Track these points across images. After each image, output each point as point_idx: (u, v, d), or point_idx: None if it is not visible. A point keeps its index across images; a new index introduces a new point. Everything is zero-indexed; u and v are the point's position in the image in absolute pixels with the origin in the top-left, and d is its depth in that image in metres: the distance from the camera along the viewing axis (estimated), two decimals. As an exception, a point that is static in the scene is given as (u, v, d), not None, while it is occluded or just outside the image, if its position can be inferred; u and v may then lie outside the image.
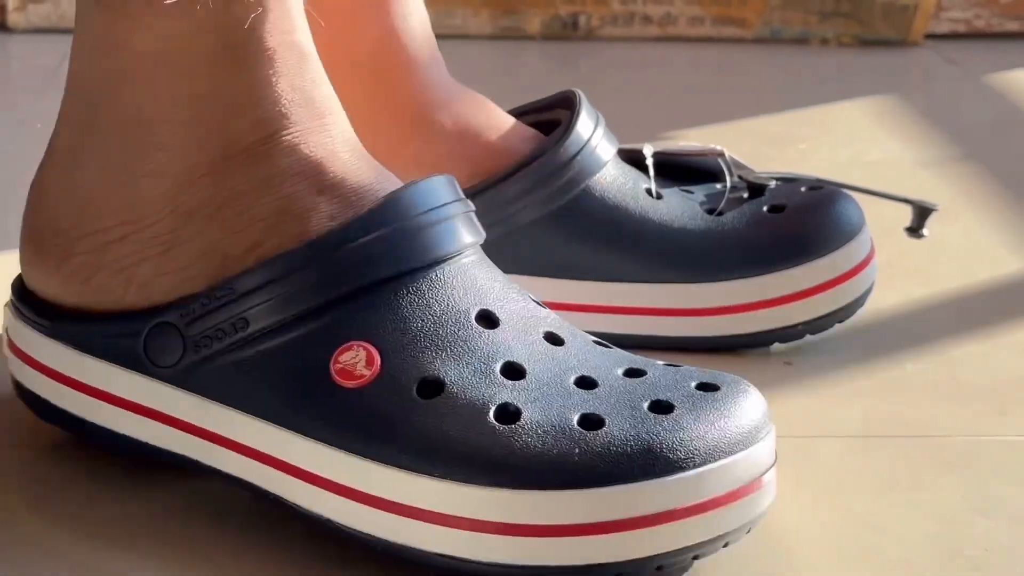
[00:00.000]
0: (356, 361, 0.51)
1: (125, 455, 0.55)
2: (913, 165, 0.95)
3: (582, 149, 0.68)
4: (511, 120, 0.70)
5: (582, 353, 0.53)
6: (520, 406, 0.50)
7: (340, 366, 0.51)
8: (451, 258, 0.53)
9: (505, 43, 1.19)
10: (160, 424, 0.54)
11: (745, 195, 0.70)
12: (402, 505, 0.49)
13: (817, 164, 0.95)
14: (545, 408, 0.50)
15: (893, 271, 0.77)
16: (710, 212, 0.69)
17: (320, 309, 0.51)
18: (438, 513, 0.49)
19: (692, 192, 0.70)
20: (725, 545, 0.50)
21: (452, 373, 0.50)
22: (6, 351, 0.58)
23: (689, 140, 0.98)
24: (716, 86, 1.13)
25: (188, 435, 0.53)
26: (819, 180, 0.71)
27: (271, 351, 0.51)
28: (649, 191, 0.69)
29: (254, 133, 0.53)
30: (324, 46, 0.66)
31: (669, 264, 0.68)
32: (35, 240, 0.57)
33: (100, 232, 0.54)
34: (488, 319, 0.52)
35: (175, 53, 0.53)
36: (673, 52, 1.19)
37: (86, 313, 0.55)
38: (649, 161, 0.70)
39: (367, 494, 0.50)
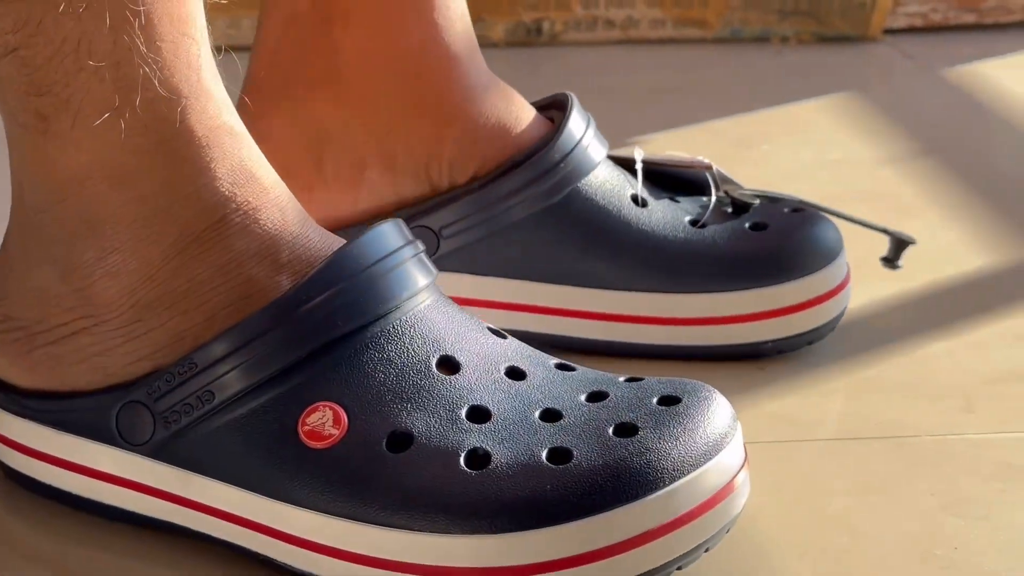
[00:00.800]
0: (323, 421, 0.51)
1: (113, 520, 0.56)
2: (874, 163, 0.97)
3: (574, 149, 0.69)
4: (531, 114, 0.71)
5: (544, 384, 0.53)
6: (489, 449, 0.51)
7: (308, 428, 0.51)
8: (407, 303, 0.54)
9: (471, 51, 1.20)
10: (143, 495, 0.55)
11: (729, 210, 0.71)
12: (387, 560, 0.50)
13: (781, 165, 0.97)
14: (513, 447, 0.51)
15: (859, 271, 0.79)
16: (693, 224, 0.70)
17: (282, 374, 0.52)
18: (421, 565, 0.49)
19: (679, 202, 0.71)
20: (706, 551, 0.52)
21: (419, 424, 0.51)
22: None
23: (658, 144, 1.00)
24: (680, 87, 1.14)
25: (172, 504, 0.54)
26: (802, 202, 0.73)
27: (239, 420, 0.52)
28: (635, 198, 0.70)
29: (203, 221, 0.53)
30: (366, 45, 0.67)
31: (648, 272, 0.69)
32: None
33: (60, 326, 0.55)
34: (449, 365, 0.53)
35: (109, 161, 0.53)
36: (636, 55, 1.21)
37: (56, 393, 0.56)
38: (638, 167, 0.71)
39: (354, 553, 0.50)
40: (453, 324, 0.54)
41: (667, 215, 0.70)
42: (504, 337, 0.56)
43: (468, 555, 0.49)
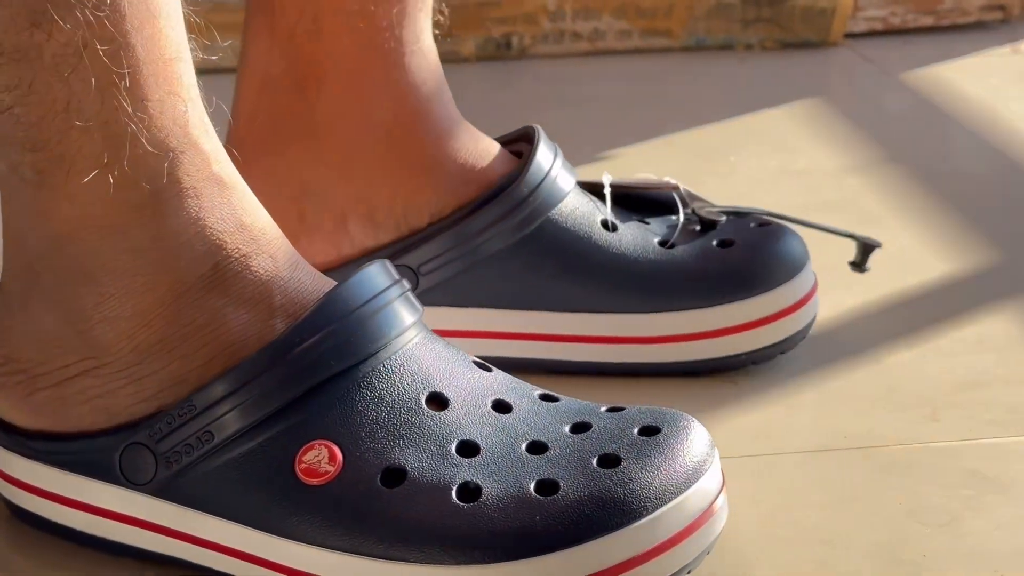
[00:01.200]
0: (319, 459, 0.54)
1: (117, 555, 0.58)
2: (839, 171, 1.00)
3: (542, 181, 0.72)
4: (498, 150, 0.74)
5: (529, 416, 0.56)
6: (479, 482, 0.53)
7: (305, 465, 0.54)
8: (396, 342, 0.56)
9: (442, 67, 1.23)
10: (146, 531, 0.57)
11: (698, 228, 0.74)
12: None
13: (748, 175, 1.00)
14: (503, 480, 0.53)
15: (824, 282, 0.81)
16: (662, 244, 0.73)
17: (278, 413, 0.54)
18: None
19: (648, 224, 0.74)
20: (688, 573, 0.54)
21: (412, 460, 0.53)
22: None
23: (627, 157, 1.02)
24: (647, 97, 1.17)
25: (174, 539, 0.56)
26: (768, 214, 0.75)
27: (238, 459, 0.54)
28: (605, 223, 0.73)
29: (195, 270, 0.55)
30: (339, 106, 0.70)
31: (620, 294, 0.72)
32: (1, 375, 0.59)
33: (62, 368, 0.57)
34: (438, 401, 0.56)
35: (101, 214, 0.55)
36: (604, 66, 1.23)
37: (59, 434, 0.58)
38: (607, 191, 0.74)
39: None
40: (440, 360, 0.57)
41: (636, 238, 0.73)
42: (490, 370, 0.58)
43: None
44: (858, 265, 0.76)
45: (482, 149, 0.73)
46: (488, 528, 0.52)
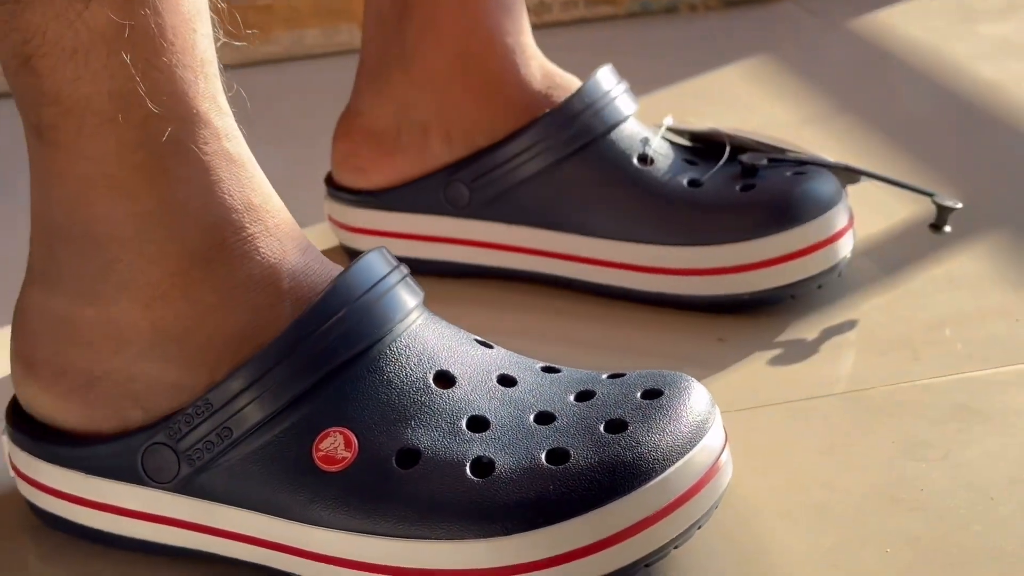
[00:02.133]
0: (335, 446, 0.55)
1: (146, 553, 0.60)
2: (795, 124, 1.01)
3: (583, 111, 0.77)
4: (570, 82, 0.79)
5: (534, 388, 0.58)
6: (492, 456, 0.54)
7: (322, 453, 0.55)
8: (400, 325, 0.57)
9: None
10: (171, 527, 0.58)
11: (738, 172, 0.77)
12: (410, 569, 0.54)
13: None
14: (514, 453, 0.54)
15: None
16: (692, 184, 0.76)
17: (294, 403, 0.55)
18: (443, 571, 0.53)
19: (696, 165, 0.78)
20: (698, 528, 0.56)
21: (424, 439, 0.55)
22: (12, 473, 0.62)
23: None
24: (597, 66, 1.17)
25: (200, 534, 0.58)
26: (838, 166, 0.78)
27: (257, 451, 0.55)
28: (643, 157, 0.77)
29: (205, 242, 0.56)
30: (423, 33, 0.78)
31: (640, 225, 0.76)
32: (23, 360, 0.60)
33: (89, 365, 0.58)
34: (445, 379, 0.57)
35: (112, 173, 0.55)
36: (551, 38, 1.23)
37: (83, 436, 0.58)
38: (661, 130, 0.79)
39: (377, 565, 0.54)
40: (444, 340, 0.58)
41: (667, 175, 0.77)
42: (491, 347, 0.60)
43: (485, 557, 0.53)
44: (937, 228, 0.77)
45: (548, 78, 0.79)
46: (504, 501, 0.53)
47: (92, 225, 0.56)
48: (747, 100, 1.07)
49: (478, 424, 0.56)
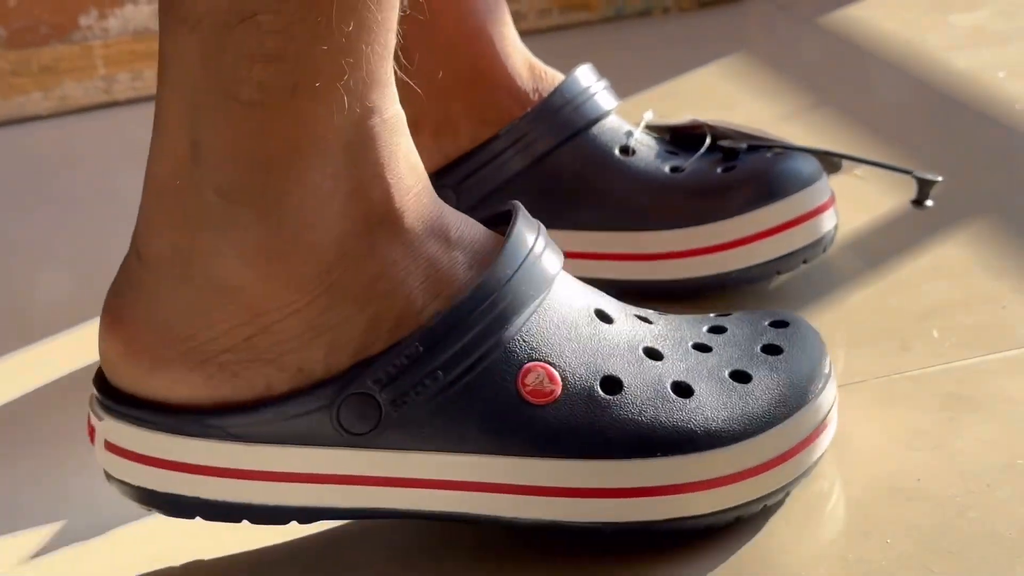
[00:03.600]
0: (541, 380, 0.58)
1: (305, 522, 0.59)
2: (774, 121, 1.02)
3: (566, 104, 0.78)
4: (543, 74, 0.81)
5: (669, 326, 0.62)
6: (690, 383, 0.59)
7: (529, 388, 0.57)
8: (555, 278, 0.60)
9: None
10: (351, 487, 0.58)
11: (720, 157, 0.79)
12: (625, 489, 0.58)
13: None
14: (699, 376, 0.60)
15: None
16: (674, 171, 0.78)
17: (494, 345, 0.57)
18: (668, 486, 0.58)
19: (676, 155, 0.79)
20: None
21: (619, 367, 0.59)
22: (118, 461, 0.59)
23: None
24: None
25: (384, 488, 0.58)
26: (813, 151, 0.80)
27: (461, 392, 0.57)
28: (625, 148, 0.78)
29: (386, 202, 0.57)
30: (410, 28, 0.75)
31: (624, 213, 0.77)
32: (148, 354, 0.57)
33: (241, 326, 0.56)
34: (603, 316, 0.60)
35: (320, 135, 0.55)
36: (527, 45, 1.25)
37: (232, 404, 0.57)
38: (642, 124, 0.81)
39: (602, 488, 0.57)
40: (583, 287, 0.62)
41: (648, 164, 0.78)
42: (608, 295, 0.63)
43: (703, 470, 0.58)
44: (920, 203, 0.80)
45: (533, 71, 0.80)
46: (709, 416, 0.58)
47: (287, 187, 0.56)
48: (725, 99, 1.08)
49: (654, 354, 0.60)
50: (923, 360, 0.71)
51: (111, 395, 0.59)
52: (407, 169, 0.58)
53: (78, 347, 0.80)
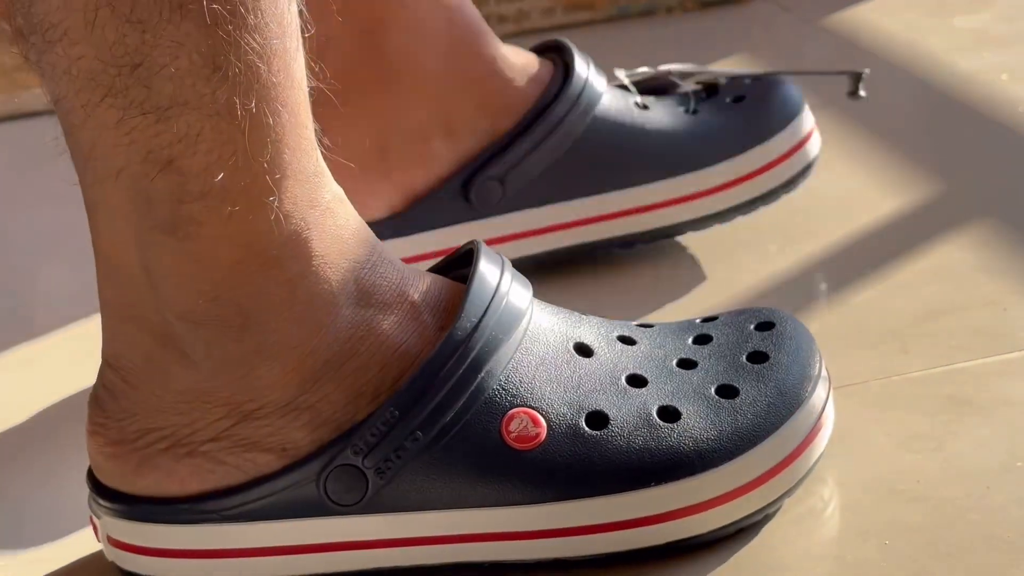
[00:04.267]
0: (524, 426, 0.57)
1: None
2: (776, 122, 1.02)
3: (583, 91, 0.81)
4: (538, 63, 0.83)
5: (653, 342, 0.62)
6: (675, 405, 0.59)
7: (514, 434, 0.57)
8: (529, 310, 0.60)
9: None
10: (355, 552, 0.58)
11: (704, 94, 0.85)
12: (625, 521, 0.58)
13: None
14: (686, 397, 0.59)
15: (783, 232, 0.85)
16: (686, 112, 0.83)
17: (471, 397, 0.57)
18: (666, 513, 0.58)
19: (666, 99, 0.84)
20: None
21: (603, 401, 0.58)
22: (123, 555, 0.60)
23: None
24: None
25: (387, 550, 0.58)
26: (763, 74, 0.86)
27: (445, 449, 0.57)
28: (637, 104, 0.83)
29: (345, 287, 0.57)
30: (405, 39, 0.79)
31: (668, 162, 0.82)
32: (135, 455, 0.58)
33: (214, 423, 0.57)
34: (583, 350, 0.60)
35: (262, 250, 0.56)
36: (531, 45, 1.25)
37: (227, 488, 0.58)
38: (626, 81, 0.85)
39: (594, 525, 0.57)
40: (559, 317, 0.61)
41: (667, 111, 0.83)
42: (586, 316, 0.63)
43: (696, 494, 0.58)
44: (854, 93, 0.88)
45: (529, 63, 0.82)
46: (699, 438, 0.58)
47: (241, 303, 0.56)
48: (728, 100, 1.08)
49: (637, 381, 0.60)
50: (924, 362, 0.71)
51: (105, 494, 0.60)
52: (358, 245, 0.58)
53: (82, 342, 0.80)
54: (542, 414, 0.58)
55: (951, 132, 0.99)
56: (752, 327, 0.63)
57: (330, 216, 0.58)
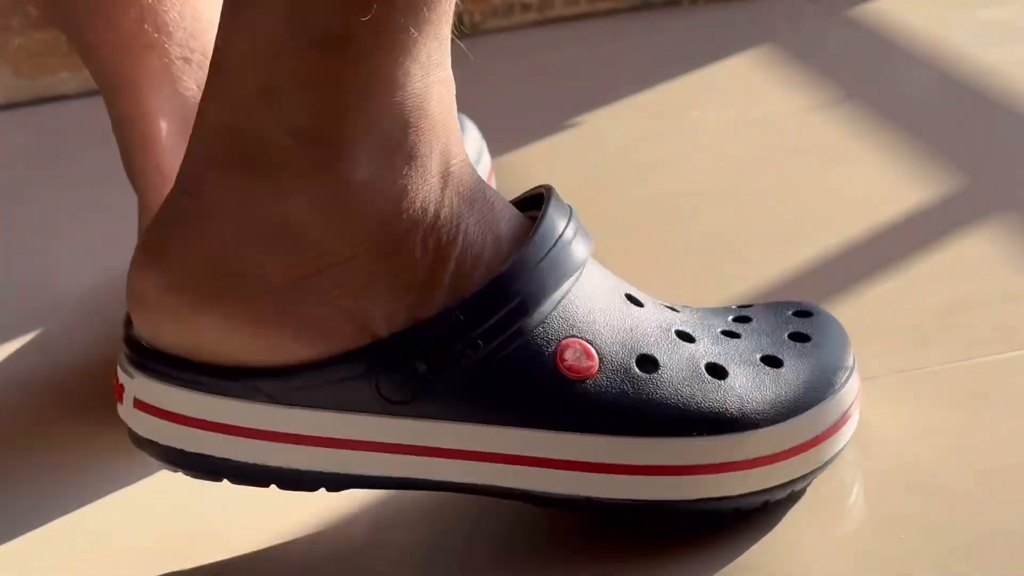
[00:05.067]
0: (578, 356, 0.58)
1: (335, 489, 0.58)
2: (799, 113, 1.02)
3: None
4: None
5: (695, 314, 0.62)
6: (721, 363, 0.60)
7: (567, 363, 0.58)
8: (587, 259, 0.60)
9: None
10: (385, 454, 0.57)
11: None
12: (661, 467, 0.58)
13: (710, 127, 1.02)
14: (732, 359, 0.60)
15: (804, 224, 0.84)
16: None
17: (531, 321, 0.57)
18: (702, 465, 0.58)
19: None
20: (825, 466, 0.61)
21: (654, 347, 0.59)
22: (147, 419, 0.58)
23: (592, 123, 1.04)
24: (602, 61, 1.19)
25: (424, 458, 0.57)
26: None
27: (499, 364, 0.57)
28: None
29: (446, 161, 0.57)
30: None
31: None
32: (194, 290, 0.56)
33: (298, 265, 0.56)
34: (633, 300, 0.61)
35: (389, 85, 0.55)
36: (555, 34, 1.25)
37: (271, 367, 0.56)
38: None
39: (625, 465, 0.58)
40: (609, 273, 0.62)
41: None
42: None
43: (736, 451, 0.58)
44: None
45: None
46: (738, 405, 0.59)
47: (360, 134, 0.55)
48: (752, 90, 1.07)
49: (686, 337, 0.61)
50: (942, 356, 0.71)
51: (143, 352, 0.58)
52: (455, 131, 0.58)
53: (103, 328, 0.81)
54: (596, 348, 0.58)
55: (975, 125, 0.98)
56: (790, 313, 0.64)
57: (447, 89, 0.57)
